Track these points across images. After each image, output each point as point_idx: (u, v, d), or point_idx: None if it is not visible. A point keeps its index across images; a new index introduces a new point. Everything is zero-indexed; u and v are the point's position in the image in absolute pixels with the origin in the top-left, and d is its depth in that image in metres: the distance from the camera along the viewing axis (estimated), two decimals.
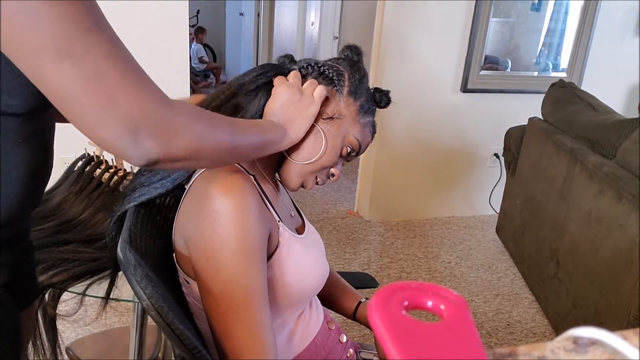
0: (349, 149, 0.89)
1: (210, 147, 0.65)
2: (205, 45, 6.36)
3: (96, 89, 0.53)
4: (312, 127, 0.86)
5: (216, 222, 0.73)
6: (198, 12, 6.30)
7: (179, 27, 2.19)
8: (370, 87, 0.93)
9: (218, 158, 0.69)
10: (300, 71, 0.88)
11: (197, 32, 6.18)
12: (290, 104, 0.83)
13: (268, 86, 0.86)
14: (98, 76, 0.53)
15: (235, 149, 0.70)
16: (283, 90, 0.83)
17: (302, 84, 0.86)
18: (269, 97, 0.85)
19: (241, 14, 6.30)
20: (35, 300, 0.90)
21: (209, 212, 0.73)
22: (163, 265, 0.84)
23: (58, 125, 0.79)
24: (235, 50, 6.50)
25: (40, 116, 0.66)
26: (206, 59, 6.34)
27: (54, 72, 0.52)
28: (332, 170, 0.91)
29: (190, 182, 0.81)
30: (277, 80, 0.86)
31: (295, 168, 0.88)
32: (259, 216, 0.75)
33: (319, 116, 0.86)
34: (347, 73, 0.89)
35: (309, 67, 0.89)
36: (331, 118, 0.87)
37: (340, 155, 0.90)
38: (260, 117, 0.84)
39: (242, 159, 0.77)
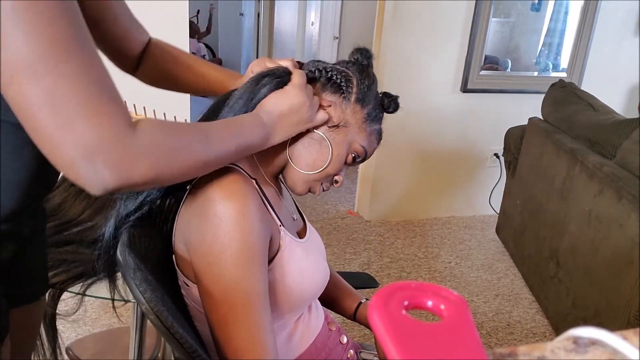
0: (353, 156, 0.88)
1: (177, 168, 0.63)
2: (205, 46, 6.37)
3: (54, 111, 0.52)
4: (317, 134, 0.85)
5: (217, 226, 0.72)
6: (198, 12, 6.31)
7: (179, 27, 2.19)
8: (379, 92, 0.91)
9: (189, 174, 0.67)
10: (307, 75, 0.86)
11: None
12: (294, 113, 0.80)
13: (279, 81, 0.82)
14: (57, 99, 0.52)
15: (208, 162, 0.68)
16: (297, 95, 0.80)
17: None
18: (274, 89, 0.81)
19: (241, 14, 6.30)
20: (41, 298, 0.90)
21: (210, 216, 0.73)
22: (162, 268, 0.84)
23: None
24: (235, 50, 6.50)
25: None
26: (207, 57, 6.35)
27: (15, 90, 0.52)
28: (336, 177, 0.90)
29: (191, 184, 0.81)
30: (297, 79, 0.82)
31: (300, 176, 0.87)
32: (260, 221, 0.75)
33: (323, 124, 0.85)
34: (355, 79, 0.86)
35: (317, 71, 0.86)
36: (337, 126, 0.85)
37: (345, 163, 0.88)
38: (256, 104, 0.81)
39: (220, 166, 0.74)
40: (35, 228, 0.81)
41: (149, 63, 0.94)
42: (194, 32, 6.11)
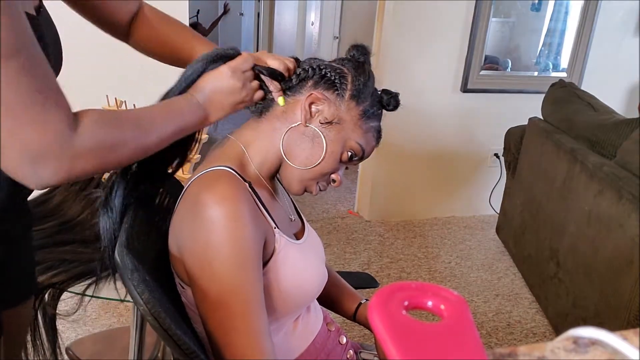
0: (349, 154, 0.86)
1: (116, 160, 0.65)
2: None
3: (3, 117, 0.54)
4: (311, 130, 0.85)
5: (209, 231, 0.72)
6: (198, 12, 6.30)
7: None
8: (378, 89, 0.90)
9: (129, 161, 0.70)
10: (300, 74, 0.86)
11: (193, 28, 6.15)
12: (228, 93, 0.79)
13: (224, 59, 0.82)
14: (4, 104, 0.54)
15: (148, 148, 0.70)
16: (229, 78, 0.79)
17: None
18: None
19: (241, 14, 6.31)
20: (30, 299, 0.90)
21: (202, 220, 0.73)
22: (160, 267, 0.84)
23: None
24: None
25: None
26: None
27: None
28: (333, 176, 0.89)
29: (187, 185, 0.81)
30: (234, 61, 0.82)
31: (295, 173, 0.86)
32: (253, 224, 0.75)
33: (316, 120, 0.84)
34: (350, 76, 0.85)
35: (311, 69, 0.86)
36: (330, 123, 0.84)
37: (341, 161, 0.87)
38: (194, 80, 0.80)
39: (161, 148, 0.74)
40: (23, 228, 0.81)
41: (137, 33, 0.93)
42: (201, 32, 6.10)
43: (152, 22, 0.94)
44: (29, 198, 0.83)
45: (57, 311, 1.11)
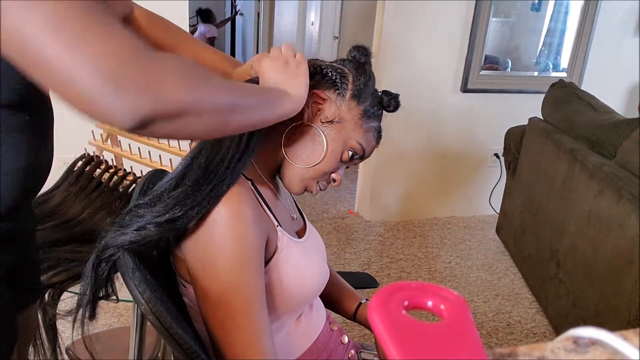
0: (350, 153, 0.87)
1: (208, 99, 0.55)
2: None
3: (61, 31, 0.45)
4: (312, 129, 0.85)
5: (211, 230, 0.72)
6: (198, 10, 6.30)
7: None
8: (379, 90, 0.91)
9: (217, 117, 0.57)
10: None
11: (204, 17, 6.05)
12: (281, 72, 0.78)
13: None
14: (62, 18, 0.45)
15: (235, 107, 0.60)
16: (268, 65, 0.80)
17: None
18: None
19: (241, 14, 6.31)
20: (36, 301, 0.90)
21: (205, 219, 0.73)
22: (161, 267, 0.84)
23: (57, 125, 0.79)
24: (235, 50, 6.51)
25: (30, 110, 0.65)
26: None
27: (11, 16, 0.45)
28: (333, 175, 0.89)
29: None
30: (257, 58, 0.83)
31: (296, 172, 0.87)
32: (255, 222, 0.75)
33: (317, 119, 0.85)
34: (351, 76, 0.86)
35: (312, 68, 0.86)
36: (331, 122, 0.84)
37: (341, 160, 0.87)
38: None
39: (244, 123, 0.65)
40: (33, 228, 0.81)
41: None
42: (214, 20, 6.01)
43: (144, 24, 0.91)
44: None
45: (57, 311, 1.11)
